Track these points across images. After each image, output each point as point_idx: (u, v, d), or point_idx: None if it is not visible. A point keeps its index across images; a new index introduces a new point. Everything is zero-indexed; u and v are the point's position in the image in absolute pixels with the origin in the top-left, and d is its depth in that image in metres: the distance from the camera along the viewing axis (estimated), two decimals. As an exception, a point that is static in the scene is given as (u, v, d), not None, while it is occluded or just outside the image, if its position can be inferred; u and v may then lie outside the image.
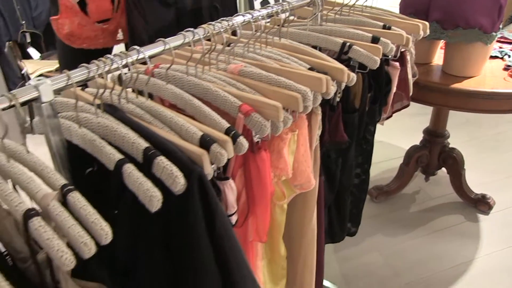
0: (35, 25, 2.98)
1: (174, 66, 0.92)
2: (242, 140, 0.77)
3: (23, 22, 2.90)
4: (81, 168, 0.76)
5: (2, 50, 2.80)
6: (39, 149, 0.80)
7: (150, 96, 0.89)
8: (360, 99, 1.33)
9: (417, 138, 2.51)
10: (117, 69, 0.75)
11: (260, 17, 1.04)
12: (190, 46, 0.89)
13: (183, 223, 0.70)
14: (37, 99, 0.68)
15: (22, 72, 2.85)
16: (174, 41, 0.85)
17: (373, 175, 1.60)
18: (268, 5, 1.13)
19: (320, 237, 1.37)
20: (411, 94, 1.65)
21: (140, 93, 0.86)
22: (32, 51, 2.99)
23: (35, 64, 2.87)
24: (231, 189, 0.80)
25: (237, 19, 0.99)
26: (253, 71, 0.94)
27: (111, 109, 0.77)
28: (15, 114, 2.62)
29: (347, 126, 1.28)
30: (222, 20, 0.95)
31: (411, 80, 1.64)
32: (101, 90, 0.76)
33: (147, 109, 0.79)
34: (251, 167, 0.88)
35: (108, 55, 0.75)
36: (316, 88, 0.96)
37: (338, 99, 1.18)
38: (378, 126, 1.52)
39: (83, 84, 0.76)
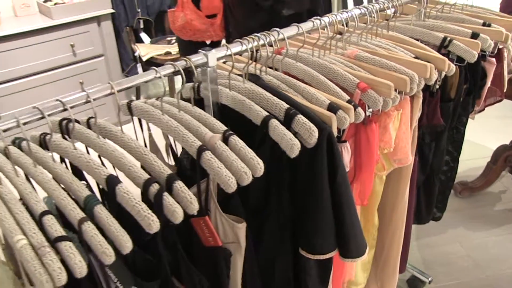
0: (148, 13, 3.28)
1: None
2: (360, 110, 0.92)
3: (139, 10, 3.22)
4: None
5: (121, 34, 3.12)
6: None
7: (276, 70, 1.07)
8: (456, 90, 1.44)
9: (505, 140, 2.53)
10: (263, 45, 0.93)
11: (374, 11, 1.18)
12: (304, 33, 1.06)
13: (311, 170, 0.87)
14: (204, 65, 0.88)
15: (135, 54, 3.16)
16: (305, 25, 1.02)
17: (458, 172, 1.69)
18: (377, 1, 1.27)
19: (409, 215, 1.49)
20: (505, 90, 1.72)
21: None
22: (144, 36, 3.30)
23: (147, 48, 3.17)
24: (347, 151, 0.96)
25: (355, 11, 1.14)
26: (368, 56, 1.09)
27: (254, 78, 0.96)
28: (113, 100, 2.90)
29: (442, 114, 1.39)
30: (343, 11, 1.11)
31: (506, 77, 1.71)
32: (241, 65, 0.95)
33: (282, 80, 0.97)
34: (361, 136, 1.04)
35: (256, 34, 0.94)
36: (421, 73, 1.09)
37: (437, 87, 1.30)
38: (468, 124, 1.61)
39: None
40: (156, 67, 0.85)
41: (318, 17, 1.06)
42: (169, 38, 3.28)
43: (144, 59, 3.08)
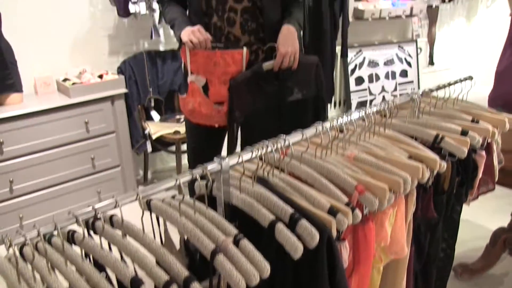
0: (159, 92, 3.47)
1: (302, 149, 1.21)
2: (358, 212, 1.02)
3: (150, 89, 3.40)
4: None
5: (133, 113, 3.29)
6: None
7: (282, 171, 1.18)
8: (449, 182, 1.54)
9: (503, 221, 2.60)
10: (271, 151, 1.05)
11: (371, 114, 1.31)
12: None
13: (312, 269, 0.95)
14: (218, 171, 0.99)
15: (145, 132, 3.31)
16: (309, 132, 1.14)
17: (458, 253, 1.76)
18: (376, 104, 1.40)
19: (408, 302, 1.55)
20: (496, 179, 1.82)
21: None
22: (154, 114, 3.47)
23: (156, 126, 3.32)
24: (345, 249, 1.05)
25: (354, 115, 1.27)
26: (365, 157, 1.21)
27: (262, 181, 1.06)
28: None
29: (436, 206, 1.49)
30: (344, 115, 1.23)
31: (496, 167, 1.81)
32: (253, 167, 1.06)
33: (288, 184, 1.07)
34: (359, 234, 1.13)
35: (265, 141, 1.05)
36: (414, 174, 1.20)
37: (430, 183, 1.40)
38: (465, 206, 1.70)
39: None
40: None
41: (320, 122, 1.18)
42: (178, 117, 3.44)
43: (153, 137, 3.22)
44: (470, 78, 1.88)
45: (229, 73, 1.96)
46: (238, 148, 2.05)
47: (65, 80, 3.15)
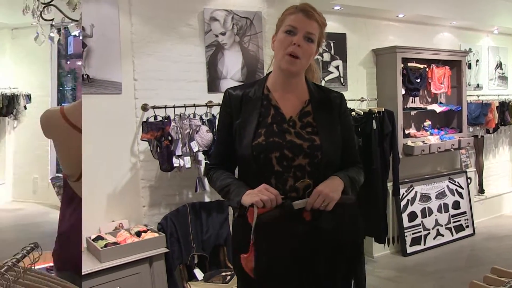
0: (203, 247, 3.07)
1: None
2: None
3: (194, 245, 3.01)
4: None
5: (173, 272, 2.87)
6: None
7: None
8: None
9: None
10: None
11: None
12: None
13: None
14: None
15: (188, 296, 2.86)
16: None
17: None
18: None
19: None
20: None
21: None
22: (197, 272, 3.04)
23: (200, 287, 2.88)
24: None
25: None
26: None
27: None
28: None
29: None
30: None
31: None
32: None
33: None
34: None
35: None
36: None
37: None
38: None
39: None
40: None
41: None
42: (224, 273, 3.00)
43: (197, 303, 2.77)
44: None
45: None
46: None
47: (97, 238, 2.78)
